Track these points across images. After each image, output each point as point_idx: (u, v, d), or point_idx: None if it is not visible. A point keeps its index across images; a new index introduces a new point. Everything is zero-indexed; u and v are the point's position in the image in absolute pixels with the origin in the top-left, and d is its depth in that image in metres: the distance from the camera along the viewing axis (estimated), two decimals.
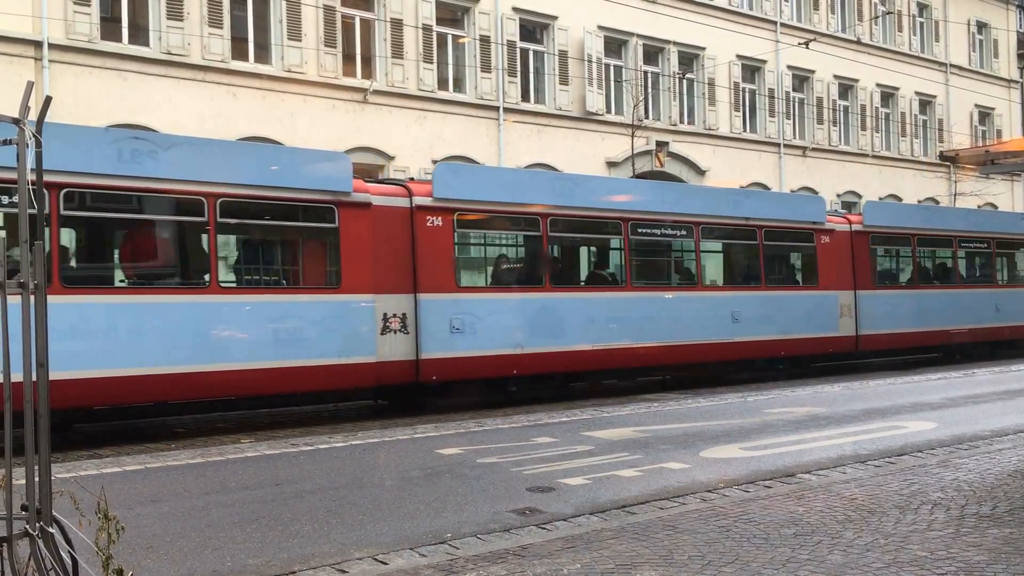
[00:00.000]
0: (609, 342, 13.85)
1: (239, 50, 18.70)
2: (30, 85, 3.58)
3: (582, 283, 14.71)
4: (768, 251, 16.38)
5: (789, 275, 17.66)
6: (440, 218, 12.34)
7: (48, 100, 3.68)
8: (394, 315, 11.84)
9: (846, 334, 17.33)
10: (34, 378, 3.44)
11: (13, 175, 3.60)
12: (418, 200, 12.23)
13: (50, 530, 3.46)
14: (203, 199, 10.38)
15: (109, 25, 17.28)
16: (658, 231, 14.99)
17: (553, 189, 13.95)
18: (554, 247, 14.09)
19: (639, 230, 14.54)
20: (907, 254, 19.60)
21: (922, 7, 33.78)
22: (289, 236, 11.84)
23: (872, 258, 18.37)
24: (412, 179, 14.19)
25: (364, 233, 11.59)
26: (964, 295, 20.10)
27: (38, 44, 16.19)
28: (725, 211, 15.85)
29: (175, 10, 17.63)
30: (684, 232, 15.15)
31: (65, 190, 9.51)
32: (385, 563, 5.17)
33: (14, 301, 3.37)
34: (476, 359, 12.49)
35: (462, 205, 12.66)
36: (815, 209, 17.53)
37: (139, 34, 17.62)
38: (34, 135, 3.49)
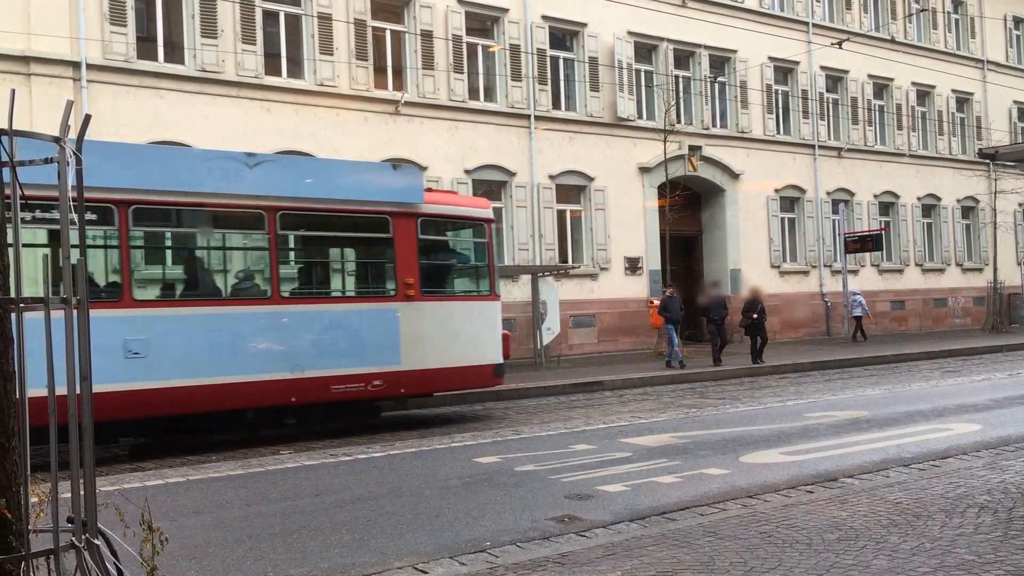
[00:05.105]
0: None
1: (272, 65, 18.91)
2: (69, 104, 3.64)
3: None
4: None
5: None
6: None
7: (87, 118, 3.74)
8: None
9: None
10: (78, 391, 3.49)
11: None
12: None
13: (96, 542, 3.51)
14: None
15: (145, 44, 17.55)
16: None
17: None
18: None
19: None
20: None
21: (957, 4, 33.30)
22: None
23: None
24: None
25: None
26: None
27: (76, 65, 16.49)
28: None
29: (209, 28, 17.88)
30: None
31: None
32: (425, 572, 5.18)
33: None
34: None
35: None
36: None
37: (174, 52, 17.88)
38: (74, 153, 3.55)
